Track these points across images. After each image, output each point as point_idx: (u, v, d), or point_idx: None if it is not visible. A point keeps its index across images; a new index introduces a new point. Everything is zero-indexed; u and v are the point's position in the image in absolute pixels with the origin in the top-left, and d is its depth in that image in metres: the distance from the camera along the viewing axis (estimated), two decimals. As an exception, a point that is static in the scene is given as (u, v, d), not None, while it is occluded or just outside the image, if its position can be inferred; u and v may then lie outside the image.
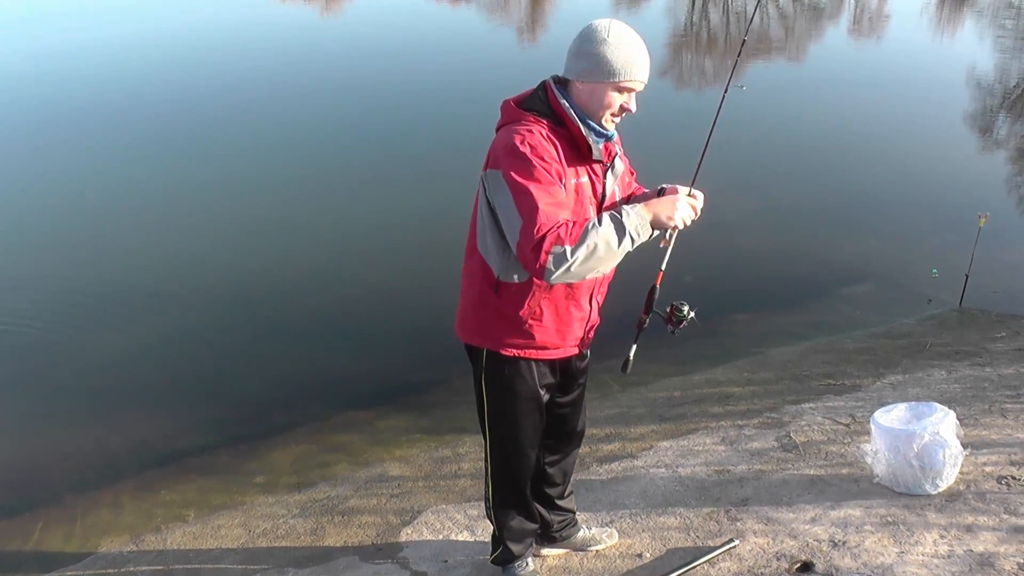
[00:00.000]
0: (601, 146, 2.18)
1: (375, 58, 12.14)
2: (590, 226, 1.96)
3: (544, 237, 1.94)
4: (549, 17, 16.82)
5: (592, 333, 2.42)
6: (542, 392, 2.39)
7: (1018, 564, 2.57)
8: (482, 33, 14.66)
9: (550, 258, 1.93)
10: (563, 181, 2.07)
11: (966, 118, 9.65)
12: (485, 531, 3.11)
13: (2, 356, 5.03)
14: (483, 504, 2.67)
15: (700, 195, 2.21)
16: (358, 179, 7.60)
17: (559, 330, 2.29)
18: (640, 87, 2.11)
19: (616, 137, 2.25)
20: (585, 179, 2.15)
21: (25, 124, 9.32)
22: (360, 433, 4.31)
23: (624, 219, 2.01)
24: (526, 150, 2.03)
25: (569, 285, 2.21)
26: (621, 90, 2.09)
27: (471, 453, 3.91)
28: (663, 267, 2.30)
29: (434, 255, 5.50)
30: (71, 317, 5.37)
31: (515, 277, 2.20)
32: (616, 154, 2.25)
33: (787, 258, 5.93)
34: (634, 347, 2.35)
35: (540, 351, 2.31)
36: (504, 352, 2.30)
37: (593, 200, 2.19)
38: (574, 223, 1.99)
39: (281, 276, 5.83)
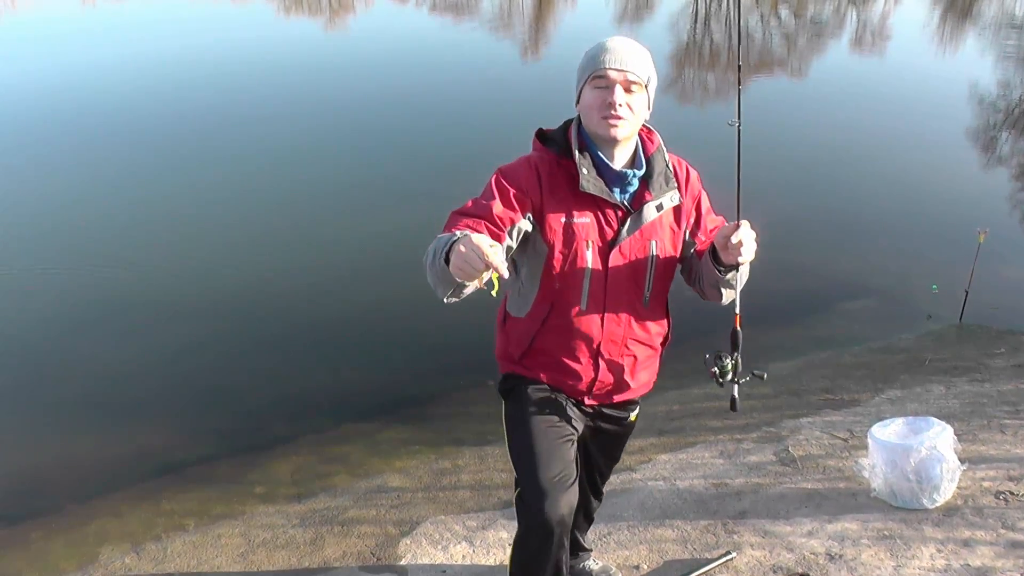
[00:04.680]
0: (604, 185, 1.98)
1: (379, 73, 12.22)
2: (456, 233, 1.74)
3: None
4: (552, 33, 16.93)
5: (611, 396, 2.22)
6: (562, 401, 2.17)
7: (1014, 579, 2.58)
8: (485, 49, 14.75)
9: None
10: (527, 209, 1.94)
11: (966, 134, 9.69)
12: (484, 542, 3.12)
13: (5, 365, 5.05)
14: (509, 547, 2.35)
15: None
16: (359, 193, 7.65)
17: (556, 378, 2.15)
18: (616, 76, 1.91)
19: (661, 183, 2.03)
20: (587, 219, 1.98)
21: (28, 137, 9.37)
22: (360, 444, 4.32)
23: (453, 237, 1.72)
24: (498, 172, 1.99)
25: (563, 334, 2.07)
26: (597, 85, 1.94)
27: (470, 465, 3.92)
28: (737, 309, 2.14)
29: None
30: (74, 327, 5.40)
31: (515, 311, 2.15)
32: (650, 202, 2.01)
33: (786, 273, 5.95)
34: (736, 388, 2.21)
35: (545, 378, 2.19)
36: (513, 369, 2.21)
37: (596, 244, 2.00)
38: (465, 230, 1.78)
39: (282, 288, 5.85)
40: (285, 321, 5.47)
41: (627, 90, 1.93)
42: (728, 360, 2.15)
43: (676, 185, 2.06)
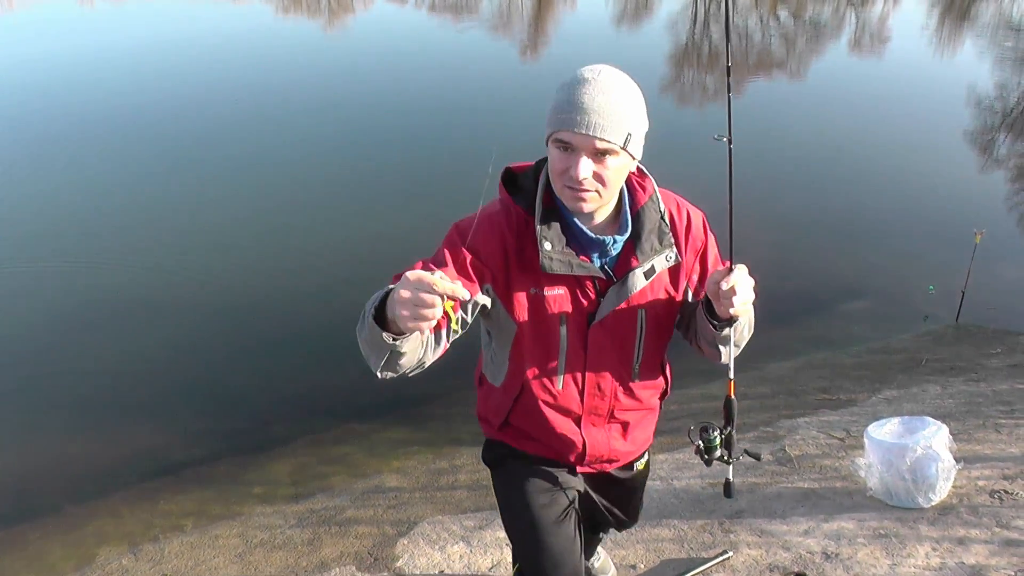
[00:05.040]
0: (575, 256, 1.65)
1: (377, 74, 12.23)
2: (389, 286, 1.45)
3: None
4: (551, 34, 16.95)
5: (605, 465, 1.97)
6: (552, 471, 1.94)
7: (1009, 577, 2.59)
8: (484, 49, 14.77)
9: None
10: (486, 280, 1.63)
11: (963, 136, 9.71)
12: (481, 542, 3.13)
13: (2, 366, 5.05)
14: None
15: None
16: (359, 193, 7.66)
17: (541, 449, 1.91)
18: (582, 142, 1.52)
19: (653, 243, 1.70)
20: (560, 291, 1.67)
21: (24, 134, 9.38)
22: (358, 445, 4.33)
23: (385, 289, 1.46)
24: (454, 230, 1.67)
25: (538, 413, 1.81)
26: (559, 147, 1.56)
27: (468, 465, 3.93)
28: (731, 375, 1.82)
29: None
30: (72, 328, 5.40)
31: (490, 376, 1.89)
32: (637, 268, 1.69)
33: (784, 273, 5.96)
34: (730, 468, 1.91)
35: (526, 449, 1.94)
36: (495, 437, 1.97)
37: (572, 319, 1.70)
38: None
39: (280, 288, 5.86)
40: (283, 322, 5.48)
41: (597, 158, 1.55)
42: (716, 434, 1.85)
43: (672, 241, 1.73)
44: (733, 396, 1.85)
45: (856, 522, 2.97)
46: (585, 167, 1.54)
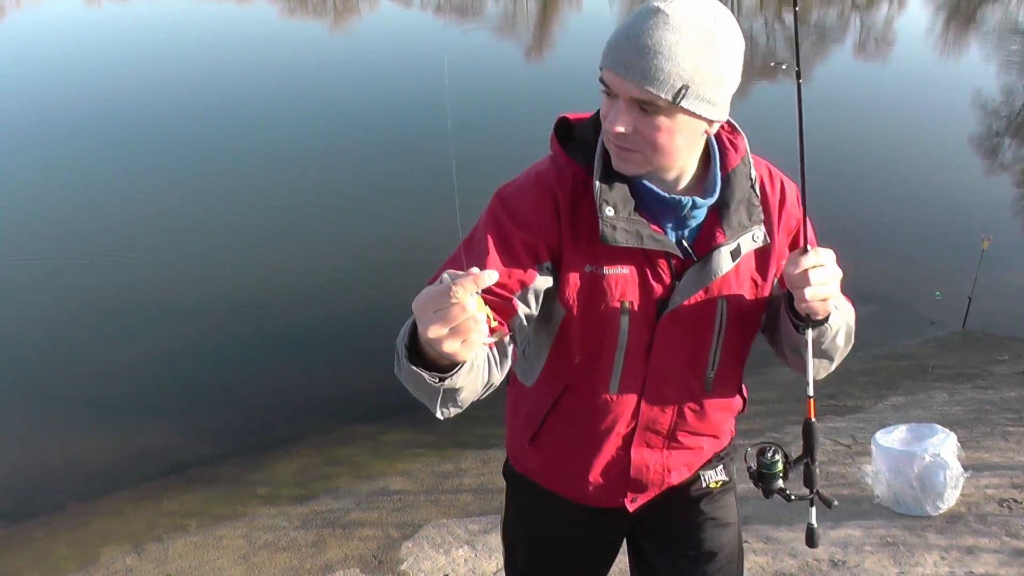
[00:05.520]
0: (647, 225, 1.30)
1: (382, 75, 12.24)
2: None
3: None
4: (556, 35, 16.95)
5: (656, 488, 1.54)
6: (585, 519, 1.57)
7: (1018, 587, 2.57)
8: (489, 50, 14.77)
9: None
10: (544, 258, 1.29)
11: (971, 140, 9.69)
12: (486, 546, 3.12)
13: (8, 364, 5.06)
14: None
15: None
16: (364, 194, 7.66)
17: (573, 488, 1.53)
18: (618, 86, 1.20)
19: (742, 217, 1.35)
20: (624, 270, 1.31)
21: (27, 133, 9.39)
22: (363, 446, 4.32)
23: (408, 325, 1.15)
24: (497, 201, 1.34)
25: (580, 424, 1.46)
26: (603, 87, 1.25)
27: (473, 468, 3.92)
28: (810, 391, 1.40)
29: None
30: (76, 326, 5.41)
31: (520, 373, 1.53)
32: (722, 245, 1.33)
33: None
34: (812, 511, 1.45)
35: (549, 483, 1.57)
36: (520, 461, 1.62)
37: (637, 307, 1.33)
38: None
39: (287, 289, 5.86)
40: (289, 322, 5.48)
41: (639, 111, 1.21)
42: (779, 458, 1.45)
43: (762, 217, 1.37)
44: (814, 418, 1.42)
45: (863, 530, 2.96)
46: (621, 118, 1.22)
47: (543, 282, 1.29)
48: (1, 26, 17.12)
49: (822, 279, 1.27)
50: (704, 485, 1.59)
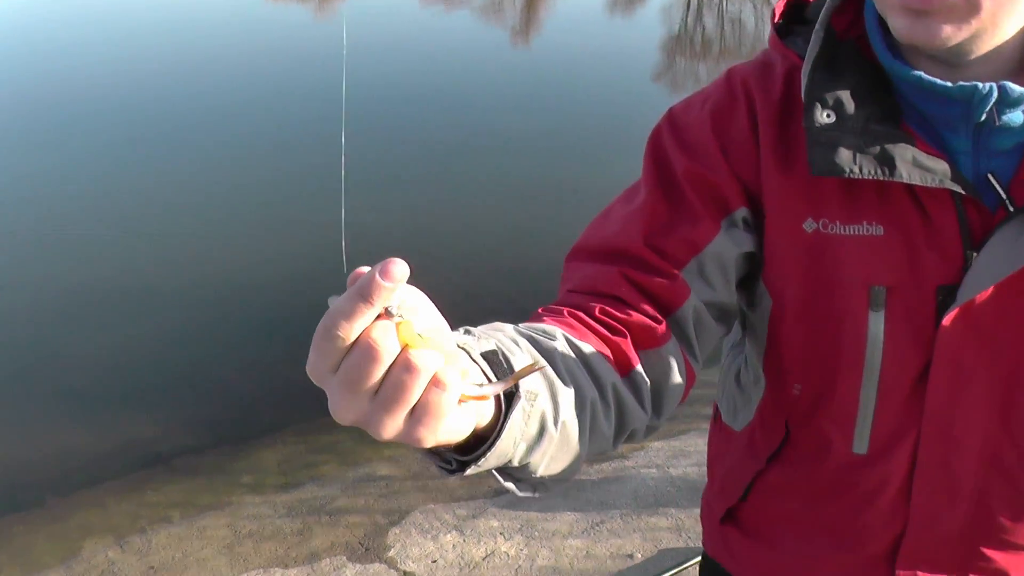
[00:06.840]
0: (928, 140, 0.77)
1: (368, 60, 12.13)
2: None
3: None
4: (544, 20, 16.86)
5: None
6: None
7: None
8: (476, 35, 14.68)
9: None
10: (740, 202, 0.81)
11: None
12: (474, 531, 3.09)
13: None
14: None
15: None
16: (349, 181, 7.57)
17: (807, 562, 0.97)
18: None
19: None
20: (878, 229, 0.78)
21: (13, 121, 9.26)
22: (348, 433, 4.25)
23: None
24: (667, 123, 0.86)
25: (799, 491, 0.93)
26: None
27: (461, 453, 3.88)
28: None
29: (430, 255, 5.49)
30: (56, 316, 5.32)
31: (727, 414, 1.08)
32: None
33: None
34: None
35: None
36: (704, 545, 1.17)
37: (901, 292, 0.79)
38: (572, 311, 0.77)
39: (269, 274, 5.80)
40: (273, 308, 5.42)
41: None
42: None
43: None
44: None
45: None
46: None
47: (731, 246, 0.78)
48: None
49: None
50: None
